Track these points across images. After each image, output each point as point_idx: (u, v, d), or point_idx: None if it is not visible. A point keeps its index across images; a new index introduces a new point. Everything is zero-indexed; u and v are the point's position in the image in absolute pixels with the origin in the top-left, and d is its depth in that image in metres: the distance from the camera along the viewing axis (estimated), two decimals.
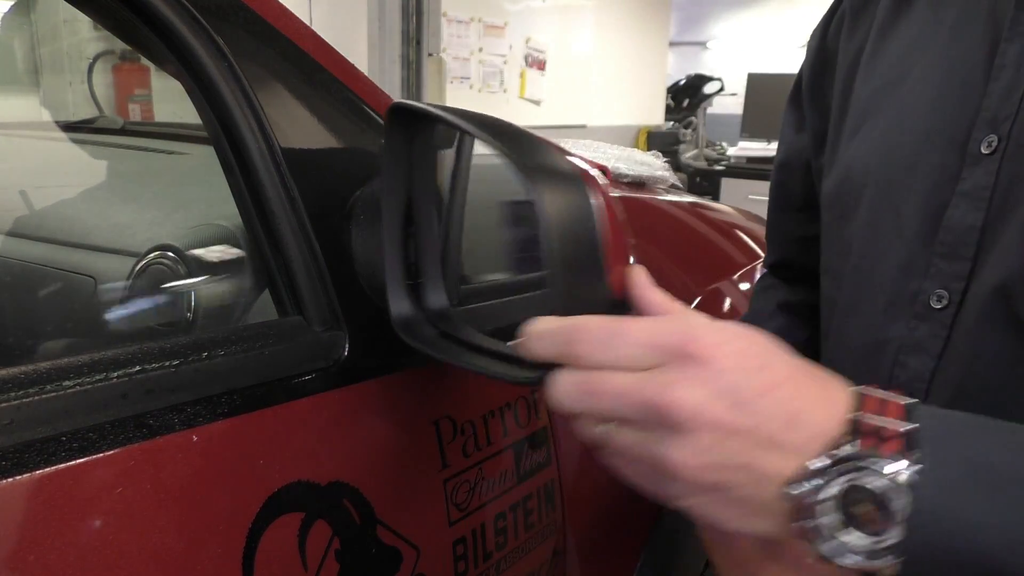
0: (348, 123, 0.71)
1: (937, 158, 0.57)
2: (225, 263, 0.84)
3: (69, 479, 0.45)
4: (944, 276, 0.56)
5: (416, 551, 0.67)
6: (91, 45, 2.69)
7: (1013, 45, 0.53)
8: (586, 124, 5.42)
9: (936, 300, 0.56)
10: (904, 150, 0.59)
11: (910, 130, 0.59)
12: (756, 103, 4.76)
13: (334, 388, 0.61)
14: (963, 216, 0.54)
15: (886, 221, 0.60)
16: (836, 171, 0.66)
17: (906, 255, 0.58)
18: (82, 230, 1.05)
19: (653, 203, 1.45)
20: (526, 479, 0.80)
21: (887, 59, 0.64)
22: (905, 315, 0.58)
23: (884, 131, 0.62)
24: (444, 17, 4.08)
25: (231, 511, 0.53)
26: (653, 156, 1.74)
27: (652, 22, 6.09)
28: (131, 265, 0.90)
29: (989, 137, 0.53)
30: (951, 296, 0.55)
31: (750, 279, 1.37)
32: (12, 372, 0.46)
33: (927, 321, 0.57)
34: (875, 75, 0.64)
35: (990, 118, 0.54)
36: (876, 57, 0.65)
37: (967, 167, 0.55)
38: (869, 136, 0.63)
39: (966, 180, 0.54)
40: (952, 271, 0.55)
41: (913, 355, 0.57)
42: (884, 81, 0.63)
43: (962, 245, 0.55)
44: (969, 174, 0.54)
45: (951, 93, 0.57)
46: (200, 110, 0.62)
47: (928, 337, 0.57)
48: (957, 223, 0.55)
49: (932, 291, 0.56)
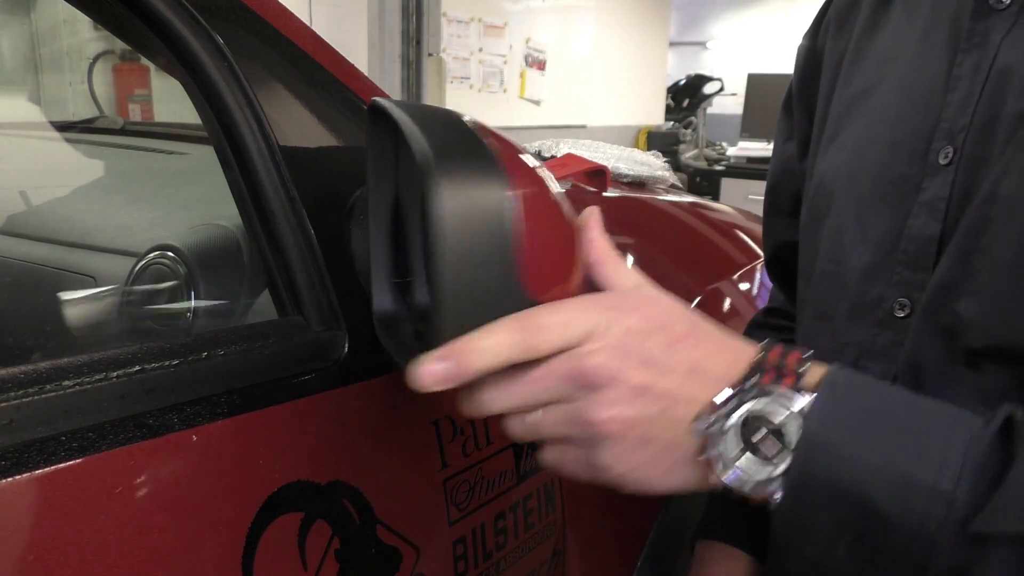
0: (348, 123, 0.71)
1: (901, 167, 0.57)
2: (225, 263, 0.84)
3: (69, 479, 0.45)
4: (907, 285, 0.56)
5: (416, 551, 0.67)
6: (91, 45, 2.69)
7: (970, 56, 0.54)
8: (586, 124, 5.43)
9: (899, 308, 0.56)
10: (872, 159, 0.60)
11: (878, 139, 0.60)
12: (756, 103, 4.76)
13: (334, 388, 0.61)
14: (924, 226, 0.55)
15: (852, 227, 0.61)
16: (814, 177, 0.67)
17: (870, 262, 0.59)
18: (82, 230, 1.05)
19: (653, 203, 1.45)
20: (526, 479, 0.80)
21: (864, 67, 0.64)
22: (868, 321, 0.59)
23: (855, 139, 0.62)
24: (444, 17, 4.09)
25: (231, 511, 0.53)
26: (653, 156, 1.74)
27: (652, 22, 6.09)
28: (131, 265, 0.90)
29: (946, 148, 0.54)
30: (913, 305, 0.56)
31: (750, 279, 1.37)
32: (12, 372, 0.46)
33: (889, 328, 0.57)
34: (852, 83, 0.65)
35: (947, 129, 0.54)
36: (855, 64, 0.65)
37: (927, 177, 0.55)
38: (844, 144, 0.64)
39: (926, 190, 0.55)
40: (915, 280, 0.56)
41: (875, 361, 0.58)
42: (860, 89, 0.64)
43: (923, 255, 0.55)
44: (929, 184, 0.55)
45: (915, 103, 0.58)
46: (200, 110, 0.62)
47: (890, 344, 0.57)
48: (918, 233, 0.55)
49: (895, 299, 0.57)
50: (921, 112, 0.57)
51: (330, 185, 0.66)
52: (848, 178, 0.62)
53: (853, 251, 0.60)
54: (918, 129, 0.57)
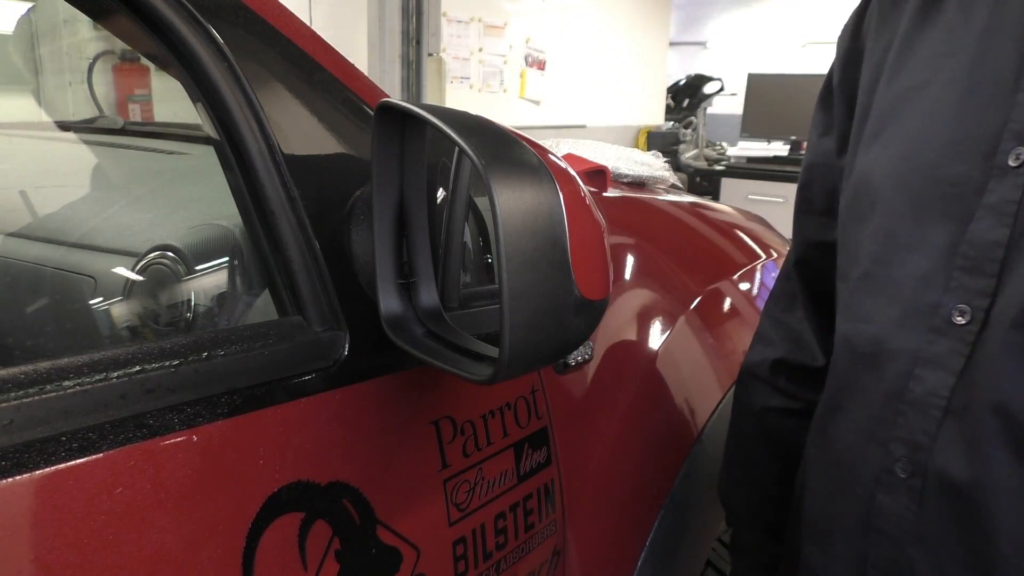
0: (348, 123, 0.71)
1: (962, 168, 0.55)
2: (225, 263, 0.84)
3: (69, 479, 0.45)
4: (966, 291, 0.54)
5: (416, 551, 0.67)
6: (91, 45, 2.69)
7: None
8: (586, 124, 5.42)
9: (958, 315, 0.54)
10: (927, 158, 0.58)
11: (934, 138, 0.57)
12: (756, 103, 4.76)
13: (334, 388, 0.61)
14: (987, 230, 0.53)
15: (905, 230, 0.58)
16: (855, 174, 0.65)
17: (925, 266, 0.57)
18: (82, 230, 1.05)
19: (653, 203, 1.45)
20: (526, 479, 0.80)
21: (913, 62, 0.62)
22: (922, 327, 0.57)
23: (907, 137, 0.60)
24: (444, 17, 4.08)
25: (231, 511, 0.53)
26: (653, 156, 1.74)
27: (652, 22, 6.09)
28: (131, 265, 0.89)
29: (1017, 149, 0.52)
30: (974, 313, 0.54)
31: (750, 279, 1.37)
32: (12, 372, 0.46)
33: (946, 336, 0.55)
34: (899, 77, 0.63)
35: (1019, 130, 0.52)
36: (902, 59, 0.63)
37: (993, 179, 0.53)
38: (891, 141, 0.61)
39: (992, 193, 0.53)
40: (975, 287, 0.54)
41: (930, 369, 0.56)
42: (908, 84, 0.61)
43: (986, 261, 0.53)
44: (995, 187, 0.53)
45: (978, 101, 0.55)
46: (200, 110, 0.62)
47: (947, 353, 0.55)
48: (980, 237, 0.53)
49: (953, 306, 0.55)
50: (985, 111, 0.54)
51: (330, 185, 0.66)
52: (898, 177, 0.60)
53: (906, 255, 0.58)
54: (981, 129, 0.54)
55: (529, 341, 0.49)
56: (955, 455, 0.55)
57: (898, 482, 0.59)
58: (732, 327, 1.26)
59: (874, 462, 0.61)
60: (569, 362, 0.89)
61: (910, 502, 0.58)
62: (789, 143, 4.72)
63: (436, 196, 0.71)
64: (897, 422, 0.59)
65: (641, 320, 1.08)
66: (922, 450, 0.57)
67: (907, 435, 0.58)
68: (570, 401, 0.90)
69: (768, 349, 0.83)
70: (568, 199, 0.47)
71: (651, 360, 1.05)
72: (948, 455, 0.55)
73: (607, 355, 0.97)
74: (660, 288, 1.16)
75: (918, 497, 0.57)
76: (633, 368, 1.03)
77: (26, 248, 1.05)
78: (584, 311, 0.49)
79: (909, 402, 0.58)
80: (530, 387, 0.82)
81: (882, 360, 0.60)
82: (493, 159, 0.46)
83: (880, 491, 0.60)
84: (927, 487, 0.57)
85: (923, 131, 0.59)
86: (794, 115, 4.53)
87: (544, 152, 0.51)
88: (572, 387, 0.91)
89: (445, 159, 0.73)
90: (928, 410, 0.56)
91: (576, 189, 0.49)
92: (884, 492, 0.60)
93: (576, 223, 0.47)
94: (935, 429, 0.56)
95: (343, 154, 0.69)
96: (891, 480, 0.59)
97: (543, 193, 0.46)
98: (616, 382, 0.98)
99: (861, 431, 0.63)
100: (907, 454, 0.58)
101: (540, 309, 0.46)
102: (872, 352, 0.61)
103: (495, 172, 0.45)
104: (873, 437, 0.61)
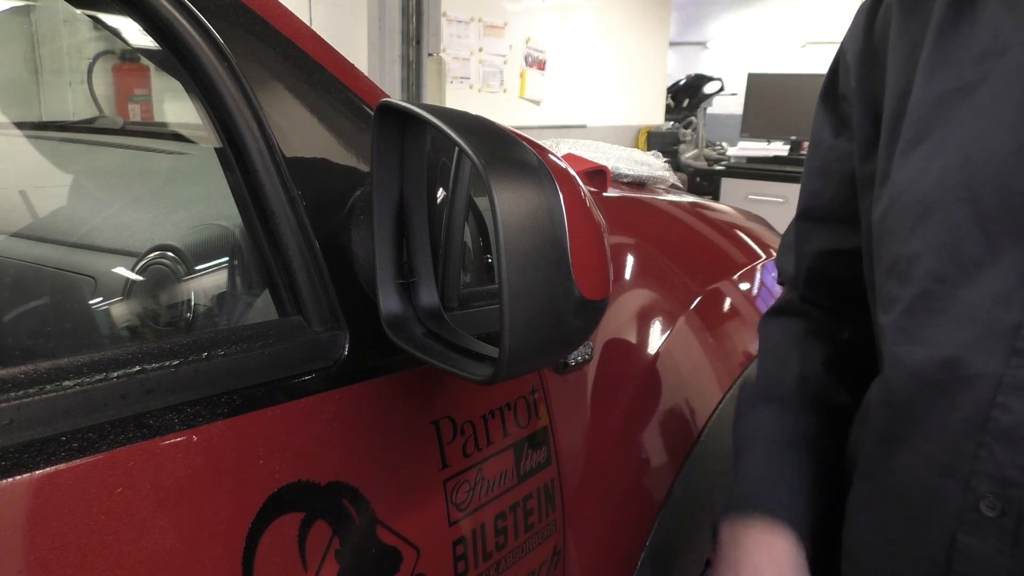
0: (348, 123, 0.71)
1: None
2: (225, 263, 0.84)
3: (69, 479, 0.45)
4: None
5: (416, 551, 0.67)
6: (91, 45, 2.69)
7: None
8: (586, 124, 5.42)
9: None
10: (990, 166, 0.54)
11: (995, 144, 0.54)
12: (756, 103, 4.75)
13: (334, 388, 0.61)
14: None
15: (971, 244, 0.54)
16: (894, 183, 0.60)
17: (1001, 284, 0.53)
18: (82, 230, 1.05)
19: (653, 203, 1.45)
20: (526, 479, 0.80)
21: (953, 63, 0.58)
22: (1002, 350, 0.52)
23: (960, 143, 0.56)
24: (444, 17, 4.08)
25: (231, 511, 0.53)
26: (653, 156, 1.74)
27: (652, 22, 6.09)
28: (131, 265, 0.89)
29: None
30: None
31: (750, 279, 1.37)
32: (12, 372, 0.46)
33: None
34: (938, 78, 0.58)
35: None
36: (938, 58, 0.59)
37: None
38: (941, 148, 0.57)
39: None
40: None
41: (1016, 397, 0.52)
42: (951, 86, 0.57)
43: None
44: None
45: None
46: (200, 110, 0.62)
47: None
48: None
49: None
50: None
51: (330, 185, 0.66)
52: (958, 187, 0.55)
53: (977, 272, 0.54)
54: None
55: (529, 341, 0.49)
56: None
57: (985, 522, 0.54)
58: (732, 327, 1.26)
59: (953, 500, 0.56)
60: (569, 362, 0.89)
61: (1001, 544, 0.53)
62: (789, 143, 4.72)
63: (436, 196, 0.71)
64: (980, 455, 0.54)
65: (641, 320, 1.08)
66: (1013, 486, 0.53)
67: (994, 470, 0.53)
68: (570, 401, 0.90)
69: None
70: (568, 199, 0.47)
71: (651, 360, 1.05)
72: None
73: (607, 355, 0.97)
74: (660, 288, 1.16)
75: (1011, 539, 0.53)
76: (633, 368, 1.03)
77: (26, 248, 1.05)
78: (584, 311, 0.49)
79: (994, 433, 0.53)
80: (530, 387, 0.82)
81: (955, 387, 0.55)
82: (493, 159, 0.46)
83: (963, 532, 0.55)
84: (1022, 528, 0.53)
85: (982, 137, 0.55)
86: (794, 115, 4.53)
87: (544, 152, 0.51)
88: (572, 387, 0.91)
89: (445, 159, 0.73)
90: (1019, 442, 0.52)
91: (576, 189, 0.49)
92: (967, 533, 0.55)
93: (576, 223, 0.47)
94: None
95: (343, 154, 0.69)
96: (976, 520, 0.54)
97: (543, 193, 0.46)
98: (616, 382, 0.98)
99: (933, 465, 0.57)
100: (995, 491, 0.53)
101: (540, 309, 0.46)
102: (940, 378, 0.56)
103: (495, 172, 0.46)
104: (950, 472, 0.56)
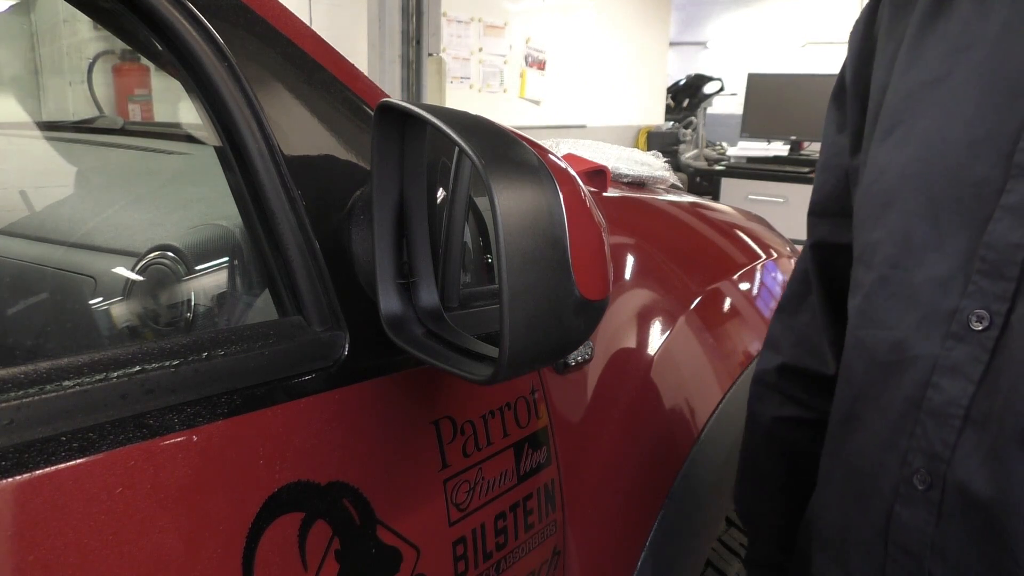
0: (348, 123, 0.71)
1: (981, 168, 0.53)
2: (225, 263, 0.84)
3: (69, 479, 0.45)
4: (985, 296, 0.52)
5: (416, 551, 0.67)
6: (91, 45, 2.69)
7: None
8: (586, 124, 5.42)
9: (976, 320, 0.52)
10: (945, 158, 0.55)
11: (952, 136, 0.55)
12: (756, 103, 4.76)
13: (334, 388, 0.61)
14: (1007, 232, 0.51)
15: (921, 231, 0.56)
16: (867, 172, 0.63)
17: (944, 270, 0.55)
18: (82, 230, 1.05)
19: (653, 203, 1.45)
20: (526, 479, 0.80)
21: (926, 57, 0.60)
22: (939, 333, 0.55)
23: (923, 135, 0.58)
24: (444, 17, 4.08)
25: (231, 511, 0.53)
26: (653, 156, 1.74)
27: (652, 22, 6.09)
28: (131, 265, 0.89)
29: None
30: (993, 318, 0.52)
31: (750, 279, 1.37)
32: (12, 372, 0.46)
33: (965, 342, 0.53)
34: (912, 72, 0.60)
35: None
36: (914, 52, 0.61)
37: (1013, 179, 0.51)
38: (907, 138, 0.59)
39: (1011, 193, 0.51)
40: (994, 291, 0.52)
41: (948, 377, 0.54)
42: (922, 79, 0.59)
43: (1006, 264, 0.51)
44: (1015, 187, 0.51)
45: (997, 99, 0.53)
46: (200, 110, 0.62)
47: (966, 360, 0.53)
48: (1000, 239, 0.51)
49: (971, 310, 0.53)
50: (1004, 108, 0.52)
51: (330, 185, 0.66)
52: (916, 177, 0.57)
53: (924, 258, 0.56)
54: (1002, 127, 0.52)
55: (529, 341, 0.49)
56: (975, 467, 0.53)
57: (916, 494, 0.57)
58: (732, 327, 1.26)
59: (892, 473, 0.59)
60: (569, 362, 0.89)
61: (928, 515, 0.56)
62: (789, 143, 4.72)
63: (436, 196, 0.71)
64: (915, 432, 0.57)
65: (641, 320, 1.08)
66: (941, 461, 0.55)
67: (925, 446, 0.56)
68: (570, 401, 0.90)
69: (777, 356, 0.81)
70: (568, 199, 0.47)
71: (651, 360, 1.05)
72: (968, 467, 0.53)
73: (607, 355, 0.97)
74: (660, 288, 1.16)
75: (936, 510, 0.55)
76: (633, 368, 1.03)
77: (26, 248, 1.05)
78: (584, 311, 0.49)
79: (928, 411, 0.56)
80: (530, 387, 0.82)
81: (901, 367, 0.58)
82: (493, 159, 0.47)
83: (898, 503, 0.58)
84: (946, 500, 0.55)
85: (941, 129, 0.57)
86: (794, 115, 4.54)
87: (544, 152, 0.51)
88: (572, 387, 0.91)
89: (445, 159, 0.73)
90: (947, 420, 0.54)
91: (576, 189, 0.49)
92: (902, 505, 0.58)
93: (576, 223, 0.47)
94: (954, 440, 0.54)
95: (343, 154, 0.69)
96: (909, 492, 0.57)
97: (543, 193, 0.46)
98: (616, 382, 0.98)
99: (879, 441, 0.60)
100: (925, 465, 0.56)
101: (540, 309, 0.46)
102: (890, 359, 0.59)
103: (495, 172, 0.46)
104: (892, 447, 0.59)
